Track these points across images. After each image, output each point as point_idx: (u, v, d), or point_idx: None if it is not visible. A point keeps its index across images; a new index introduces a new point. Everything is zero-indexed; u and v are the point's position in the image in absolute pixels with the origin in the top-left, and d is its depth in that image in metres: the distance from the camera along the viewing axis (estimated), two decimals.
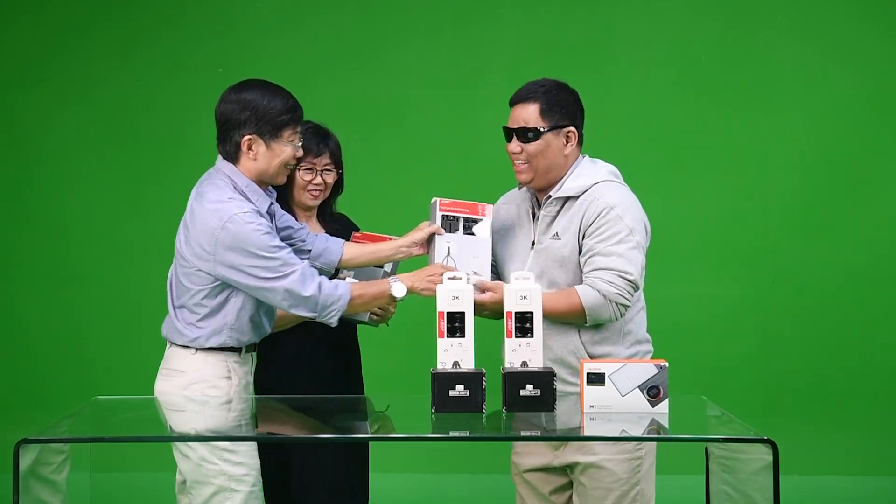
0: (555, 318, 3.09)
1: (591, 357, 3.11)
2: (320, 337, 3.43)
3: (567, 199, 3.17)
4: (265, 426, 3.21)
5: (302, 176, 3.49)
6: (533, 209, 3.27)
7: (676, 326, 4.82)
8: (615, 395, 2.81)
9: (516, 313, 2.87)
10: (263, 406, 3.26)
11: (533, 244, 3.22)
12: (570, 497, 3.26)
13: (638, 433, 2.87)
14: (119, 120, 4.97)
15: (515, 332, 2.86)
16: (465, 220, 3.24)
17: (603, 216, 3.11)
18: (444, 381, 2.79)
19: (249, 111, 3.10)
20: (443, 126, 4.98)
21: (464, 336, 2.85)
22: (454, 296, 2.86)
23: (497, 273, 3.31)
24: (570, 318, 3.11)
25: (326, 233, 3.51)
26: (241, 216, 3.04)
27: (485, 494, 4.85)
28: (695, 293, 4.88)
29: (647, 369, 2.81)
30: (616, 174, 3.26)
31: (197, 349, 3.14)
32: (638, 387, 2.81)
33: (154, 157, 5.02)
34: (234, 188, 3.12)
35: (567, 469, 3.22)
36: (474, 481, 4.88)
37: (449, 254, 3.20)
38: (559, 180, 3.19)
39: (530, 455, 3.26)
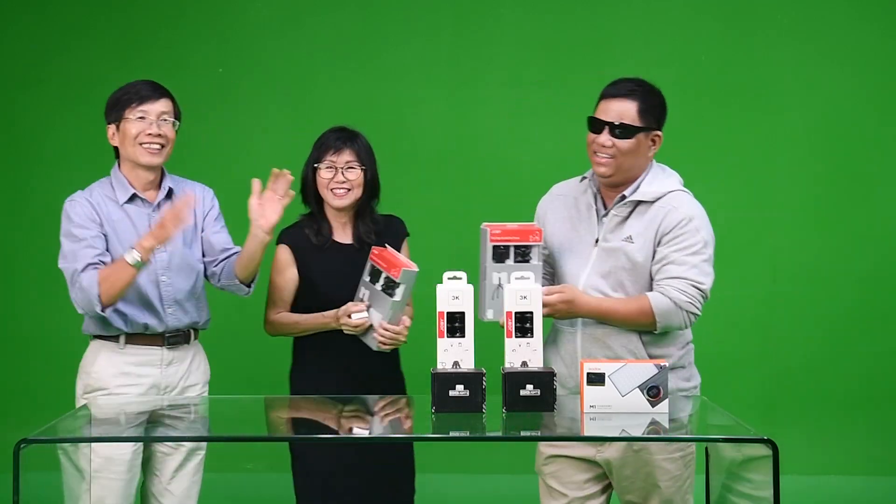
0: (622, 324, 3.12)
1: (650, 357, 3.11)
2: (354, 337, 3.45)
3: (639, 202, 3.17)
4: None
5: (322, 174, 3.49)
6: (596, 205, 3.24)
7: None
8: (615, 395, 2.81)
9: (516, 313, 2.87)
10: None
11: (597, 241, 3.19)
12: (606, 487, 3.26)
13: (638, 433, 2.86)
14: None
15: (515, 332, 2.87)
16: (516, 248, 3.09)
17: (682, 226, 3.11)
18: (444, 381, 2.79)
19: (106, 107, 3.37)
20: (443, 126, 4.98)
21: (464, 336, 2.85)
22: (454, 296, 2.86)
23: (550, 263, 3.28)
24: (638, 324, 3.12)
25: (364, 236, 3.53)
26: (69, 200, 3.33)
27: (485, 494, 4.85)
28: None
29: (647, 369, 2.81)
30: (683, 183, 3.27)
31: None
32: (638, 387, 2.81)
33: None
34: (108, 181, 3.38)
35: (605, 463, 3.20)
36: (474, 481, 4.88)
37: (500, 286, 3.06)
38: (633, 181, 3.18)
39: (566, 447, 3.22)
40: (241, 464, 4.92)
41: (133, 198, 3.36)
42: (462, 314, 2.85)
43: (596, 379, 2.82)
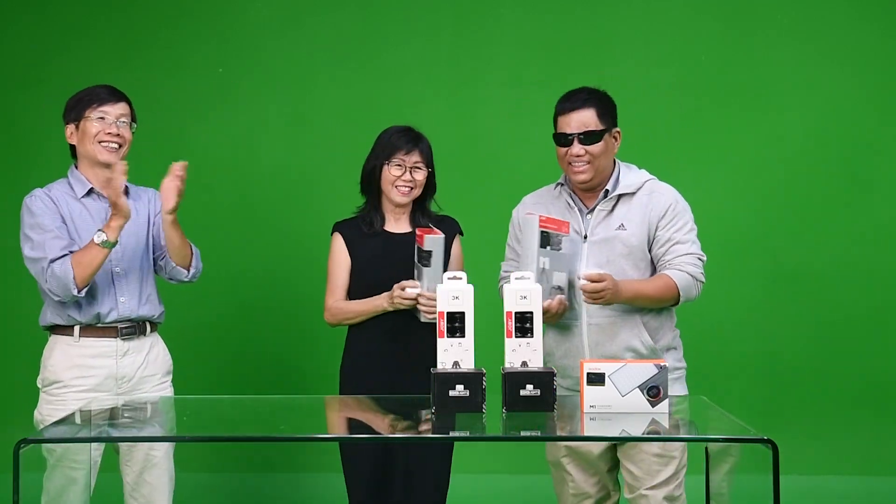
0: (651, 303, 3.37)
1: (654, 341, 3.39)
2: (387, 330, 3.60)
3: (621, 195, 3.43)
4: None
5: (391, 171, 3.64)
6: (577, 204, 3.46)
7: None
8: (615, 395, 2.81)
9: (516, 313, 2.87)
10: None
11: (585, 237, 3.41)
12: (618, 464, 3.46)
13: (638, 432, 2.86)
14: None
15: (515, 332, 2.87)
16: (553, 236, 3.29)
17: (672, 209, 3.43)
18: (444, 381, 2.79)
19: (66, 108, 3.59)
20: (443, 126, 4.97)
21: (464, 336, 2.85)
22: (454, 296, 2.86)
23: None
24: (664, 301, 3.39)
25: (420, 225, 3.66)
26: (28, 196, 3.48)
27: (485, 494, 4.85)
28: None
29: (647, 369, 2.81)
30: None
31: None
32: (638, 387, 2.81)
33: (154, 157, 5.00)
34: (66, 179, 3.56)
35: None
36: (475, 481, 4.87)
37: (544, 270, 3.26)
38: (604, 179, 3.44)
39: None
40: (238, 465, 4.93)
41: (90, 192, 3.52)
42: (462, 314, 2.85)
43: (596, 379, 2.82)
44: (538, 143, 4.97)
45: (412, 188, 3.67)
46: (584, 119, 3.39)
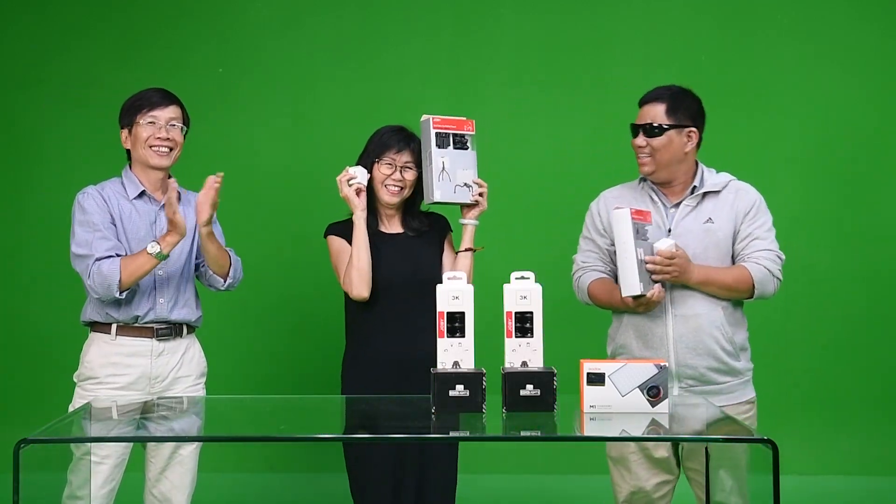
0: (721, 291, 3.42)
1: (732, 336, 3.44)
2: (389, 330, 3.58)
3: (706, 192, 3.52)
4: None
5: (381, 170, 3.65)
6: (660, 200, 3.53)
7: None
8: (615, 395, 2.81)
9: (516, 313, 2.87)
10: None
11: (669, 231, 3.47)
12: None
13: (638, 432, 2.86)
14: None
15: (515, 332, 2.86)
16: (455, 136, 3.56)
17: (756, 206, 3.52)
18: (444, 381, 2.79)
19: (120, 113, 3.62)
20: None
21: (464, 336, 2.85)
22: (454, 296, 2.86)
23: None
24: (736, 292, 3.45)
25: (414, 231, 3.71)
26: (81, 192, 3.54)
27: (485, 494, 4.85)
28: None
29: (647, 369, 2.81)
30: None
31: None
32: (638, 387, 2.81)
33: None
34: (119, 180, 3.59)
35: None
36: (474, 481, 4.87)
37: (444, 168, 3.53)
38: (679, 176, 3.52)
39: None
40: (244, 464, 4.93)
41: (142, 194, 3.57)
42: (462, 314, 2.85)
43: (596, 379, 2.82)
44: (538, 143, 4.99)
45: (402, 188, 3.66)
46: (652, 113, 3.50)
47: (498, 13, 4.98)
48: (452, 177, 3.57)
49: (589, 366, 2.83)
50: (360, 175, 3.60)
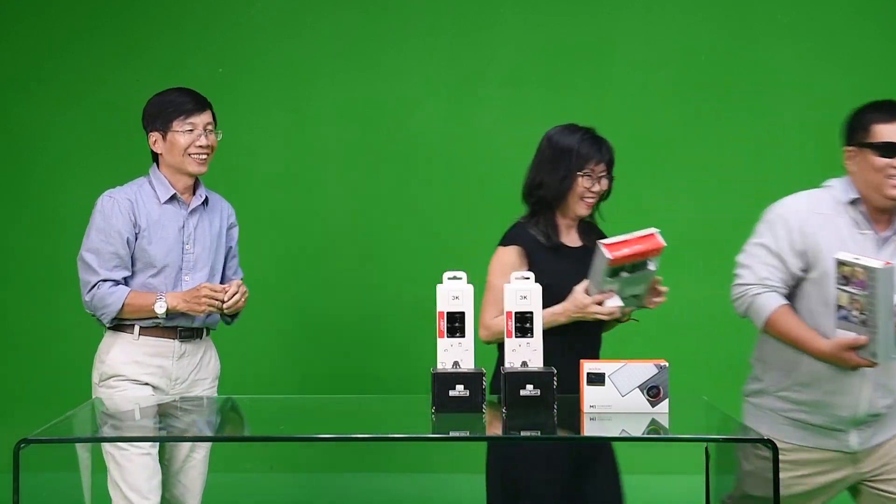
0: None
1: None
2: (564, 333, 3.25)
3: None
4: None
5: (582, 183, 3.36)
6: (869, 228, 3.16)
7: (676, 326, 4.82)
8: (615, 395, 2.81)
9: (516, 313, 2.87)
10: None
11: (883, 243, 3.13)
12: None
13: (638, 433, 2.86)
14: (119, 120, 4.96)
15: (515, 332, 2.86)
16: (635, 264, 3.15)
17: None
18: (444, 381, 2.79)
19: (147, 114, 3.51)
20: (443, 126, 4.98)
21: (464, 336, 2.85)
22: (454, 296, 2.86)
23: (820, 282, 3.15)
24: None
25: (589, 239, 3.39)
26: (108, 195, 3.46)
27: (485, 494, 4.84)
28: (695, 294, 4.87)
29: (647, 369, 2.82)
30: None
31: None
32: (638, 387, 2.81)
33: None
34: (147, 181, 3.51)
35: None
36: (474, 481, 4.87)
37: (616, 290, 3.18)
38: None
39: (822, 474, 3.18)
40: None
41: (172, 198, 3.50)
42: (462, 314, 2.85)
43: (596, 379, 2.82)
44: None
45: (595, 199, 3.40)
46: None
47: (498, 13, 4.97)
48: (621, 298, 3.23)
49: (589, 366, 2.83)
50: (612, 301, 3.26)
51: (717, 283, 4.92)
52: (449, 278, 2.90)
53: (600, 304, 3.20)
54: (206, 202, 3.56)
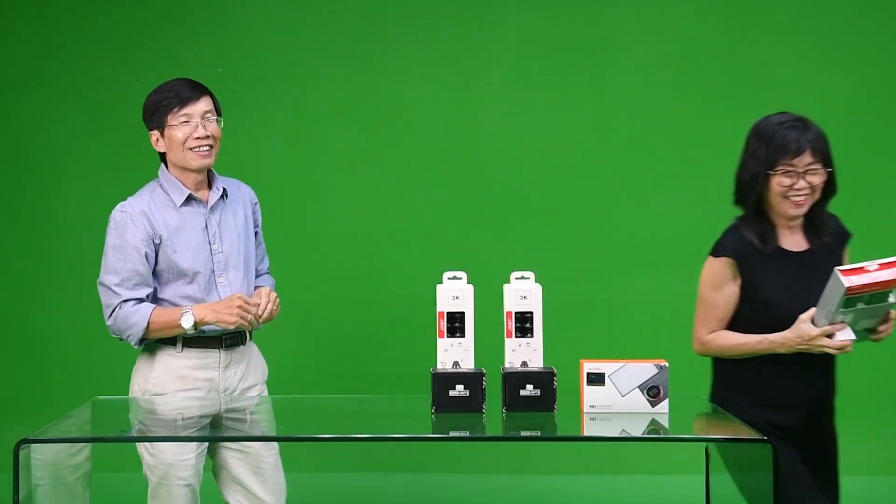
0: None
1: None
2: (792, 361, 3.05)
3: None
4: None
5: (780, 182, 3.01)
6: None
7: (676, 326, 4.81)
8: (615, 395, 2.81)
9: (516, 313, 2.87)
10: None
11: None
12: None
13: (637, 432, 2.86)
14: (118, 120, 4.96)
15: (515, 332, 2.86)
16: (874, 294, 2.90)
17: None
18: (444, 381, 2.79)
19: (145, 112, 3.27)
20: (443, 126, 4.98)
21: (464, 336, 2.85)
22: (454, 296, 2.86)
23: None
24: None
25: (821, 245, 3.12)
26: (121, 210, 3.24)
27: (485, 494, 4.85)
28: (695, 293, 4.87)
29: (647, 369, 2.82)
30: None
31: None
32: (638, 387, 2.81)
33: (153, 158, 5.01)
34: (158, 185, 3.30)
35: None
36: (474, 481, 4.88)
37: (849, 322, 2.96)
38: None
39: None
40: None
41: (189, 199, 3.27)
42: (462, 314, 2.85)
43: (596, 379, 2.82)
44: (538, 142, 4.99)
45: (807, 195, 3.02)
46: None
47: (498, 13, 4.97)
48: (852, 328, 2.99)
49: (589, 366, 2.83)
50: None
51: None
52: (449, 278, 2.90)
53: (830, 336, 2.94)
54: (224, 194, 3.33)
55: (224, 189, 3.33)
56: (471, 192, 4.94)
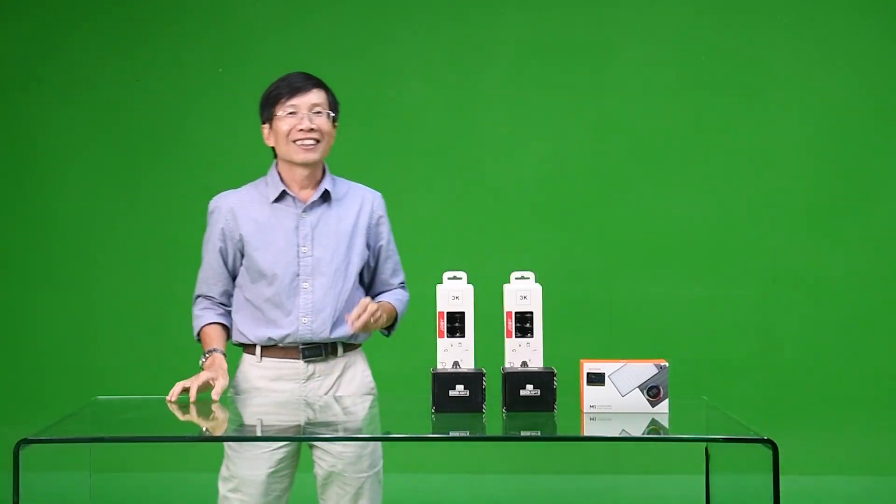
0: None
1: None
2: None
3: None
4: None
5: None
6: None
7: (676, 326, 4.82)
8: (615, 395, 2.81)
9: (516, 313, 2.87)
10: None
11: None
12: None
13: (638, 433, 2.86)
14: (119, 120, 4.97)
15: (515, 332, 2.86)
16: None
17: None
18: (444, 381, 2.79)
19: (260, 107, 3.13)
20: (443, 126, 4.98)
21: (464, 336, 2.85)
22: (454, 296, 2.86)
23: None
24: None
25: None
26: (216, 201, 3.16)
27: (485, 494, 4.85)
28: (695, 293, 4.88)
29: (647, 369, 2.81)
30: None
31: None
32: (638, 387, 2.81)
33: (153, 157, 5.02)
34: (264, 179, 3.16)
35: None
36: (474, 481, 4.88)
37: None
38: None
39: None
40: None
41: (283, 196, 3.10)
42: (462, 314, 2.85)
43: (596, 379, 2.82)
44: (538, 142, 4.99)
45: None
46: None
47: (498, 13, 4.97)
48: None
49: (589, 366, 2.83)
50: None
51: (718, 283, 4.96)
52: (449, 278, 2.90)
53: None
54: (327, 196, 3.11)
55: (327, 190, 3.12)
56: (471, 192, 4.94)
